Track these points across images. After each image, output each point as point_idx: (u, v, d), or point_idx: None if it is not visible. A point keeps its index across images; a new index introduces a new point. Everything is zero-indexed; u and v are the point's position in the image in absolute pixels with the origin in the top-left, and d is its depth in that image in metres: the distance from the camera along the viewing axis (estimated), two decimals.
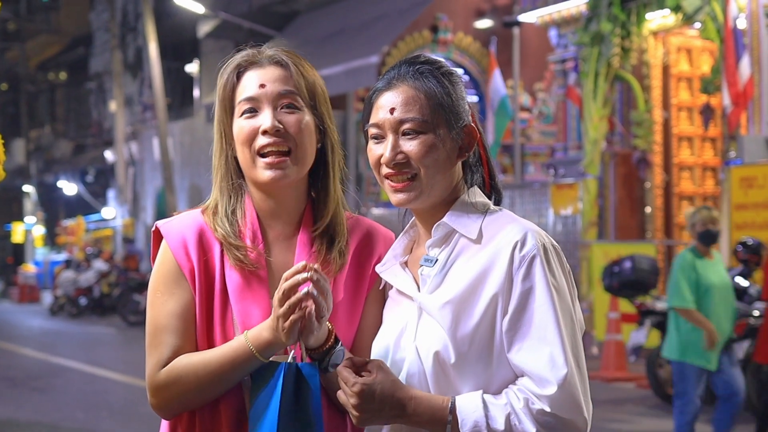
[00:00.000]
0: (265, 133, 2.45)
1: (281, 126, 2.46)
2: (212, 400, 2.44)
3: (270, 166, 2.46)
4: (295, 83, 2.51)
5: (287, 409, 2.33)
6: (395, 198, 2.38)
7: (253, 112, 2.49)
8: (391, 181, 2.38)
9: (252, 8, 26.66)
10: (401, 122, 2.36)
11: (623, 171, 17.18)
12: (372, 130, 2.40)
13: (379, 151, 2.39)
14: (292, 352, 2.38)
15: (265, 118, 2.46)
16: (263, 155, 2.47)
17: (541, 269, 2.25)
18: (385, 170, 2.38)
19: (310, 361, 2.39)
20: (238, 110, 2.51)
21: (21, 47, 47.26)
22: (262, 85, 2.49)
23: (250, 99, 2.49)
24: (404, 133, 2.36)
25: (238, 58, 2.55)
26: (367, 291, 2.56)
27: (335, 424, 2.48)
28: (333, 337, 2.40)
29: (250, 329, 2.39)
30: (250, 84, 2.50)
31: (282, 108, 2.49)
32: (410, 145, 2.35)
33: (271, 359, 2.38)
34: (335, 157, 2.59)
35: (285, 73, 2.51)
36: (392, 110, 2.37)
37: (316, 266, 2.32)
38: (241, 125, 2.49)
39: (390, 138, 2.37)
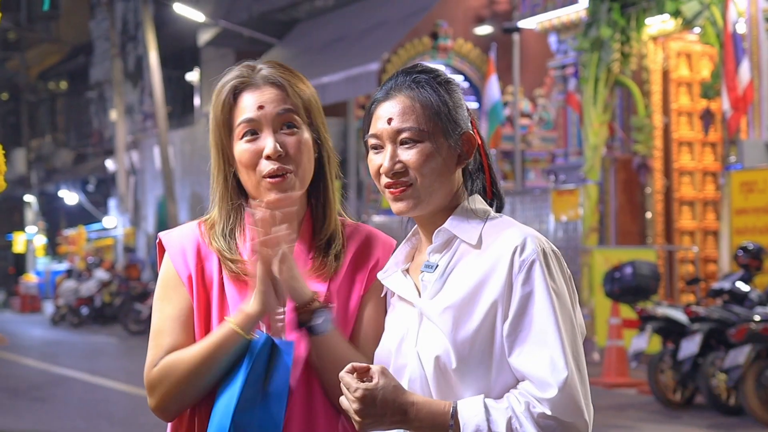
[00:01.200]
0: (268, 157, 2.50)
1: (282, 151, 2.50)
2: (208, 396, 2.48)
3: (274, 187, 2.51)
4: (292, 103, 2.55)
5: (253, 380, 2.39)
6: (395, 207, 2.41)
7: (253, 134, 2.53)
8: (391, 189, 2.40)
9: (252, 16, 26.68)
10: (398, 132, 2.39)
11: (624, 176, 17.19)
12: (371, 141, 2.44)
13: (378, 161, 2.42)
14: (282, 322, 2.45)
15: (268, 143, 2.51)
16: (266, 177, 2.52)
17: (541, 274, 2.27)
18: (384, 180, 2.41)
19: (293, 334, 2.45)
20: (238, 132, 2.55)
21: (21, 57, 47.31)
22: (261, 107, 2.53)
23: (249, 121, 2.53)
24: (402, 143, 2.39)
25: (233, 78, 2.58)
26: (362, 293, 2.59)
27: (330, 417, 2.49)
28: (317, 299, 2.46)
29: None
30: (249, 106, 2.54)
31: (282, 129, 2.53)
32: (408, 155, 2.38)
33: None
34: (332, 167, 2.65)
35: (282, 93, 2.55)
36: (389, 120, 2.40)
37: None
38: (243, 149, 2.53)
39: (388, 148, 2.40)
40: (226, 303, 2.52)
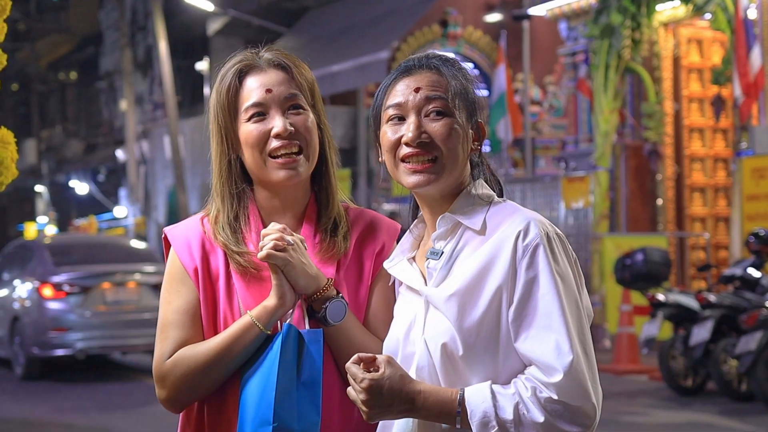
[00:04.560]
0: (277, 136, 2.51)
1: (292, 128, 2.52)
2: (219, 387, 2.50)
3: (283, 166, 2.52)
4: (297, 85, 2.57)
5: (286, 370, 2.38)
6: (412, 179, 2.37)
7: (261, 115, 2.54)
8: (410, 162, 2.37)
9: (261, 5, 26.69)
10: (427, 101, 2.36)
11: (634, 163, 17.15)
12: (391, 111, 2.40)
13: (399, 132, 2.38)
14: (291, 316, 2.46)
15: (277, 122, 2.52)
16: (274, 156, 2.52)
17: (545, 258, 2.25)
18: (405, 150, 2.37)
19: (312, 326, 2.46)
20: (244, 115, 2.56)
21: (31, 47, 47.36)
22: (269, 90, 2.54)
23: (258, 104, 2.54)
24: (427, 114, 2.37)
25: (237, 62, 2.60)
26: (371, 277, 2.59)
27: (346, 404, 2.49)
28: (329, 286, 2.46)
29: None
30: (256, 89, 2.55)
31: (289, 110, 2.54)
32: (435, 126, 2.36)
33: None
34: (332, 151, 2.65)
35: (287, 76, 2.57)
36: (417, 89, 2.37)
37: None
38: (250, 129, 2.54)
39: (413, 118, 2.37)
40: (233, 297, 2.53)
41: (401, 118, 2.38)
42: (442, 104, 2.36)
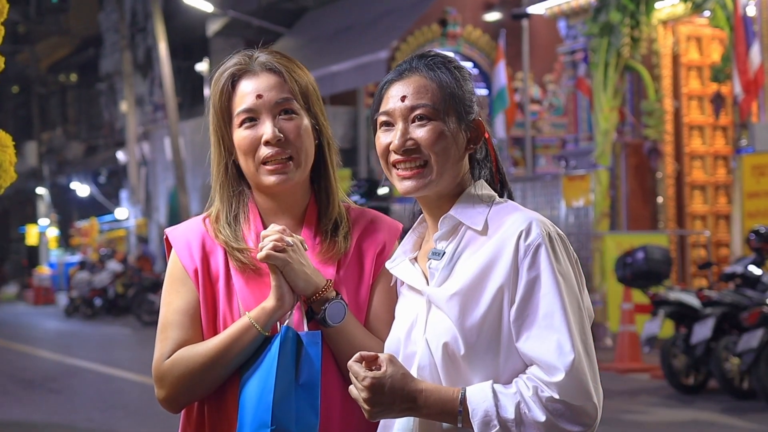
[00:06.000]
0: (267, 143, 2.51)
1: (281, 135, 2.51)
2: (218, 389, 2.50)
3: (272, 173, 2.52)
4: (290, 89, 2.56)
5: (284, 373, 2.39)
6: (403, 186, 2.39)
7: (252, 121, 2.54)
8: (399, 168, 2.39)
9: (261, 6, 26.69)
10: (412, 109, 2.37)
11: (634, 161, 17.16)
12: (382, 118, 2.42)
13: (388, 138, 2.40)
14: (290, 317, 2.45)
15: (266, 129, 2.52)
16: (265, 163, 2.53)
17: (547, 258, 2.26)
18: (393, 157, 2.39)
19: (312, 327, 2.46)
20: (236, 120, 2.56)
21: (31, 49, 47.33)
22: (259, 96, 2.53)
23: (248, 110, 2.54)
24: (414, 120, 2.38)
25: (231, 66, 2.59)
26: (372, 277, 2.60)
27: (348, 406, 2.49)
28: (329, 287, 2.47)
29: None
30: (247, 94, 2.55)
31: (280, 115, 2.54)
32: (420, 132, 2.37)
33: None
34: (332, 152, 2.65)
35: (279, 80, 2.56)
36: (403, 98, 2.38)
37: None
38: (242, 136, 2.54)
39: (400, 125, 2.38)
40: (233, 296, 2.53)
41: (391, 125, 2.40)
42: (426, 111, 2.37)
